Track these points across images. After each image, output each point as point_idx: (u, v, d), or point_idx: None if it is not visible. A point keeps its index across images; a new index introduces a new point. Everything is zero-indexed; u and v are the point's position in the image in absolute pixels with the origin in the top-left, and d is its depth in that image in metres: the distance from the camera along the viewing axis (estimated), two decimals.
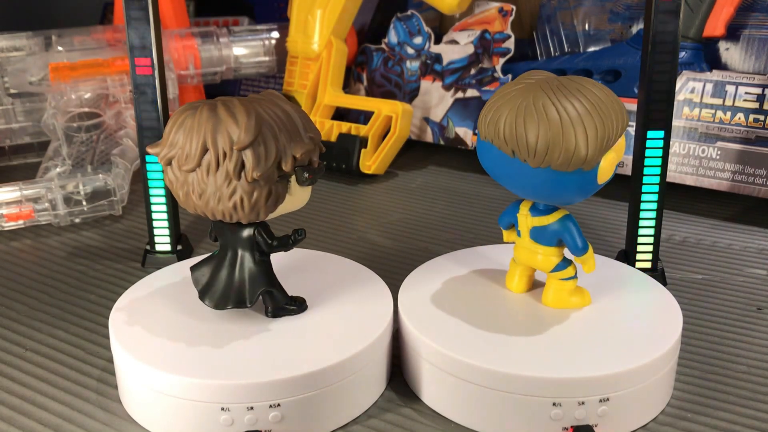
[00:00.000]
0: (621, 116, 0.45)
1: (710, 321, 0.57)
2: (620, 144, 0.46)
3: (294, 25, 0.95)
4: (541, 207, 0.48)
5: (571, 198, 0.46)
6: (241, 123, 0.43)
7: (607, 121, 0.44)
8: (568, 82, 0.45)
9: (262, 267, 0.48)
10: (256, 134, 0.43)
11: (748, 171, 0.74)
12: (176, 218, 0.67)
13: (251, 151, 0.43)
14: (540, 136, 0.43)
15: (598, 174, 0.45)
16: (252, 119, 0.43)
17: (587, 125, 0.43)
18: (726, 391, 0.49)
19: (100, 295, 0.62)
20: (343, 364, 0.44)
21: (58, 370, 0.52)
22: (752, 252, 0.69)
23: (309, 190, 0.48)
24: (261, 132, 0.43)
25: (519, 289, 0.52)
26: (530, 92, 0.44)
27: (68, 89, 0.84)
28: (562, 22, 0.89)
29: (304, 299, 0.50)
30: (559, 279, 0.49)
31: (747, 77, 0.75)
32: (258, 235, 0.47)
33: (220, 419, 0.43)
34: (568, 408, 0.43)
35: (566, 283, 0.49)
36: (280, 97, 0.46)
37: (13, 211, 0.73)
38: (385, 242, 0.72)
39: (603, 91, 0.45)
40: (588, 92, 0.44)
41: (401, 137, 0.88)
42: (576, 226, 0.48)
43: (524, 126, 0.43)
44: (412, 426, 0.46)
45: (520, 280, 0.52)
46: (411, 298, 0.51)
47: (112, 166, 0.77)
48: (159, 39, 0.62)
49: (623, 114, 0.45)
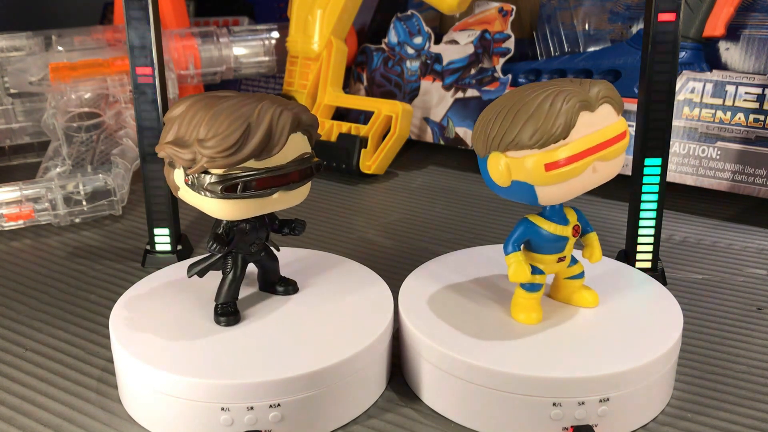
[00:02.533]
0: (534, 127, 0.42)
1: (710, 321, 0.57)
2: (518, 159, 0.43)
3: (294, 25, 0.95)
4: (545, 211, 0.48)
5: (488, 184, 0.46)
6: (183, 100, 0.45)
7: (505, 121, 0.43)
8: (552, 82, 0.45)
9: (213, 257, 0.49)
10: (171, 113, 0.44)
11: (748, 171, 0.74)
12: (176, 218, 0.67)
13: (164, 126, 0.45)
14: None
15: (488, 168, 0.45)
16: (185, 101, 0.44)
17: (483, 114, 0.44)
18: (726, 391, 0.49)
19: (100, 295, 0.62)
20: (343, 364, 0.44)
21: (58, 370, 0.52)
22: (752, 252, 0.69)
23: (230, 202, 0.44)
24: (176, 114, 0.44)
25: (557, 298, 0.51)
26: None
27: (68, 89, 0.84)
28: (562, 22, 0.89)
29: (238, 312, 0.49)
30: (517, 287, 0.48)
31: (747, 77, 0.75)
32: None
33: (220, 419, 0.43)
34: (568, 408, 0.43)
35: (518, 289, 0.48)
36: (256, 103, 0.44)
37: (13, 211, 0.73)
38: (385, 242, 0.72)
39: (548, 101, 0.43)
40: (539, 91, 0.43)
41: (401, 137, 0.88)
42: (521, 229, 0.47)
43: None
44: (412, 426, 0.46)
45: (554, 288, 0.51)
46: (411, 298, 0.51)
47: (112, 166, 0.77)
48: (159, 39, 0.62)
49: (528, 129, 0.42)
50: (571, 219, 0.48)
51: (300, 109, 0.45)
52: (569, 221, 0.47)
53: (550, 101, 0.43)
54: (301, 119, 0.45)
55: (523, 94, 0.44)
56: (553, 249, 0.47)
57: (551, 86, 0.44)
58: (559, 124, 0.42)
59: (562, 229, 0.47)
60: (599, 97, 0.44)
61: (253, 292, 0.52)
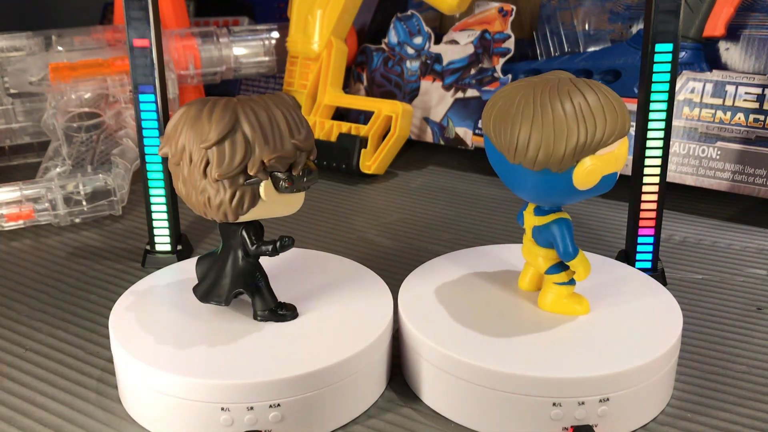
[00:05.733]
0: (605, 125, 0.43)
1: (710, 321, 0.57)
2: (608, 154, 0.44)
3: (294, 25, 0.95)
4: (546, 207, 0.48)
5: (546, 198, 0.46)
6: (213, 121, 0.43)
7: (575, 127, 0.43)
8: (566, 83, 0.44)
9: (246, 267, 0.48)
10: (222, 134, 0.43)
11: (748, 171, 0.74)
12: (176, 218, 0.67)
13: (216, 151, 0.43)
14: (514, 133, 0.44)
15: (574, 179, 0.44)
16: (225, 119, 0.43)
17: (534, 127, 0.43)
18: (726, 391, 0.49)
19: (100, 295, 0.62)
20: (343, 364, 0.44)
21: (58, 370, 0.52)
22: (752, 252, 0.69)
23: (299, 196, 0.46)
24: (230, 132, 0.43)
25: (528, 288, 0.52)
26: (522, 90, 0.45)
27: (68, 89, 0.84)
28: (562, 22, 0.89)
29: (295, 307, 0.49)
30: (552, 282, 0.49)
31: (747, 77, 0.75)
32: (244, 234, 0.47)
33: (220, 419, 0.43)
34: (568, 408, 0.43)
35: (561, 288, 0.49)
36: (281, 101, 0.45)
37: (13, 211, 0.73)
38: (385, 242, 0.72)
39: (595, 96, 0.43)
40: (576, 96, 0.43)
41: (401, 137, 0.88)
42: (568, 229, 0.47)
43: (510, 123, 0.44)
44: (412, 426, 0.46)
45: (530, 279, 0.52)
46: (411, 298, 0.51)
47: (112, 166, 0.77)
48: (159, 39, 0.62)
49: (610, 123, 0.43)
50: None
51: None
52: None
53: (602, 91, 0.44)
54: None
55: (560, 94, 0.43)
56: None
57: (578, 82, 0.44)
58: (619, 103, 0.44)
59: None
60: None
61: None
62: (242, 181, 0.44)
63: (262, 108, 0.44)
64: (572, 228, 0.48)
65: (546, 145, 0.43)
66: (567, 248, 0.47)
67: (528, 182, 0.45)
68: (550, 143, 0.43)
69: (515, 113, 0.44)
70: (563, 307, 0.49)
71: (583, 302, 0.49)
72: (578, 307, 0.49)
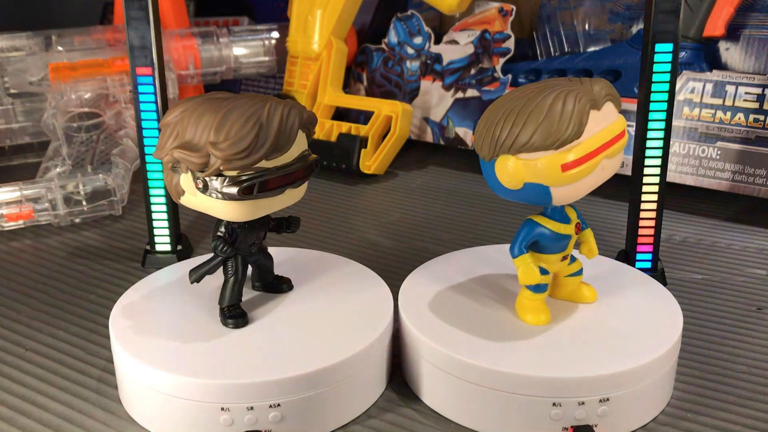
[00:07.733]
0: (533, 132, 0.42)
1: (710, 321, 0.57)
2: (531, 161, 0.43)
3: (294, 25, 0.95)
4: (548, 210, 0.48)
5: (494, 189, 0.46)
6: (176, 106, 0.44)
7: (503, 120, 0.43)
8: (554, 81, 0.44)
9: (215, 259, 0.48)
10: (170, 117, 0.44)
11: (748, 171, 0.74)
12: (176, 218, 0.67)
13: (162, 131, 0.44)
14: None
15: (496, 171, 0.44)
16: (183, 105, 0.44)
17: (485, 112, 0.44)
18: (726, 391, 0.49)
19: (100, 295, 0.62)
20: (343, 364, 0.44)
21: (58, 370, 0.52)
22: (752, 252, 0.69)
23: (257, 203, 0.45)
24: (177, 119, 0.44)
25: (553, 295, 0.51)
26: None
27: (68, 89, 0.84)
28: (562, 22, 0.89)
29: (246, 314, 0.48)
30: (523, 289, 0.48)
31: (747, 77, 0.75)
32: (217, 225, 0.48)
33: (220, 419, 0.43)
34: (568, 408, 0.43)
35: (524, 290, 0.48)
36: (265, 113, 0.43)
37: (13, 211, 0.73)
38: (385, 242, 0.72)
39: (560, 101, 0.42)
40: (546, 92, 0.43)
41: (401, 137, 0.88)
42: (528, 231, 0.46)
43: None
44: (412, 426, 0.46)
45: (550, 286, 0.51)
46: (411, 298, 0.51)
47: (112, 166, 0.77)
48: (159, 39, 0.62)
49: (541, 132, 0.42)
50: (572, 217, 0.48)
51: (301, 107, 0.45)
52: (571, 219, 0.47)
53: (562, 101, 0.42)
54: (303, 116, 0.45)
55: (528, 95, 0.43)
56: (557, 248, 0.48)
57: (557, 86, 0.43)
58: (573, 124, 0.42)
59: (565, 228, 0.47)
60: (603, 95, 0.44)
61: (252, 293, 0.52)
62: (170, 167, 0.45)
63: (223, 106, 0.43)
64: (534, 232, 0.47)
65: (478, 128, 0.44)
66: (513, 245, 0.47)
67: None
68: (480, 127, 0.44)
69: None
70: (520, 310, 0.49)
71: (540, 316, 0.48)
72: (529, 316, 0.48)
